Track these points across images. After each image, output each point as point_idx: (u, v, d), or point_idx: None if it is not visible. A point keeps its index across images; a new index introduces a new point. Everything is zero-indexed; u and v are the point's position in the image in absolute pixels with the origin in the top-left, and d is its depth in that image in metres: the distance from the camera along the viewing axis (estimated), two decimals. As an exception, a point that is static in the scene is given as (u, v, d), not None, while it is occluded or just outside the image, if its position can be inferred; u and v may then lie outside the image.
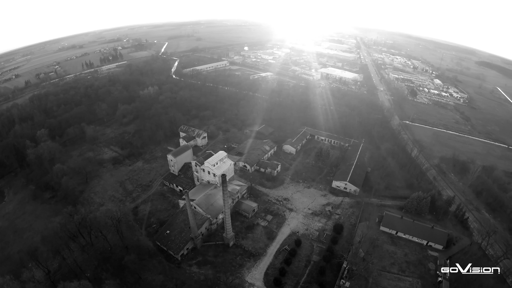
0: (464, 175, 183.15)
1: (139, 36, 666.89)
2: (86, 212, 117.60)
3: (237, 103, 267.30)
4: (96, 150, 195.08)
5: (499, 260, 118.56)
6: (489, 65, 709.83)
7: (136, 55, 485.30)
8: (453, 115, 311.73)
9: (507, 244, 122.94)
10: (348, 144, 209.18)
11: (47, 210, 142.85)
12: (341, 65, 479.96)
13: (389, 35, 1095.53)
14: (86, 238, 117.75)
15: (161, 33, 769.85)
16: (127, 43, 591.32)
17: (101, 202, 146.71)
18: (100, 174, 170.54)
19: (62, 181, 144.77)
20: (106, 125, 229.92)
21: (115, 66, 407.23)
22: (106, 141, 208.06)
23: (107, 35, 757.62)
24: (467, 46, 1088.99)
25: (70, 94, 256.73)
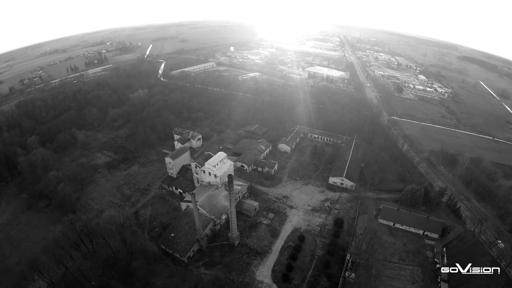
0: (453, 167, 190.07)
1: (122, 39, 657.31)
2: (88, 219, 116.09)
3: (228, 104, 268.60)
4: (89, 156, 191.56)
5: (492, 245, 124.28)
6: (470, 60, 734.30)
7: (122, 58, 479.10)
8: (439, 110, 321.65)
9: (498, 230, 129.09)
10: (341, 141, 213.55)
11: (43, 219, 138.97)
12: (327, 64, 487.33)
13: (372, 32, 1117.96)
14: (88, 246, 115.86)
15: (145, 35, 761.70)
16: (111, 46, 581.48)
17: (99, 208, 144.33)
18: (96, 180, 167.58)
19: (59, 188, 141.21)
20: (97, 130, 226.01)
21: (101, 70, 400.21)
22: (98, 146, 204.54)
23: (89, 38, 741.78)
24: (448, 42, 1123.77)
25: (58, 99, 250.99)
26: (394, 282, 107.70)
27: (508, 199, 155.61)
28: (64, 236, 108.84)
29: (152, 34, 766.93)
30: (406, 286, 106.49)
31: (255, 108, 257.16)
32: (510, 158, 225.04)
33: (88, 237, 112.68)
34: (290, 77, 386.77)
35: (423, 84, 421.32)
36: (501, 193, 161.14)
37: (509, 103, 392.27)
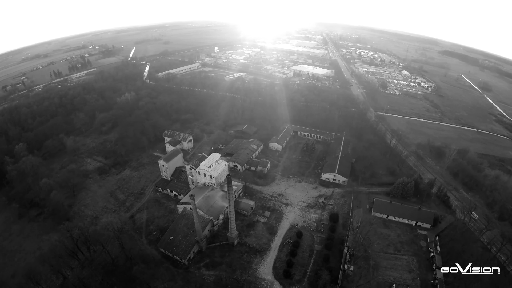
0: (441, 159, 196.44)
1: (104, 42, 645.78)
2: (85, 226, 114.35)
3: (217, 104, 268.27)
4: (79, 162, 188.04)
5: (482, 232, 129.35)
6: (451, 54, 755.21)
7: (105, 62, 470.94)
8: (423, 104, 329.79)
9: (487, 218, 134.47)
10: (331, 138, 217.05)
11: (35, 228, 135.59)
12: (311, 62, 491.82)
13: (354, 29, 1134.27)
14: (86, 254, 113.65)
15: (127, 38, 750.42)
16: (94, 50, 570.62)
17: (93, 215, 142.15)
18: (87, 186, 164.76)
19: (51, 196, 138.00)
20: (85, 135, 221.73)
21: (85, 74, 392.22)
22: (87, 151, 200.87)
23: (71, 42, 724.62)
24: (429, 37, 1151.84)
25: (44, 105, 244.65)
26: (391, 272, 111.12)
27: (494, 188, 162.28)
28: (61, 244, 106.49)
29: (134, 37, 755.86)
30: (403, 275, 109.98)
31: (244, 108, 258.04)
32: (494, 149, 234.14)
33: (85, 244, 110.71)
34: (276, 76, 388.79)
35: (407, 80, 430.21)
36: (487, 183, 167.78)
37: (491, 96, 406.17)
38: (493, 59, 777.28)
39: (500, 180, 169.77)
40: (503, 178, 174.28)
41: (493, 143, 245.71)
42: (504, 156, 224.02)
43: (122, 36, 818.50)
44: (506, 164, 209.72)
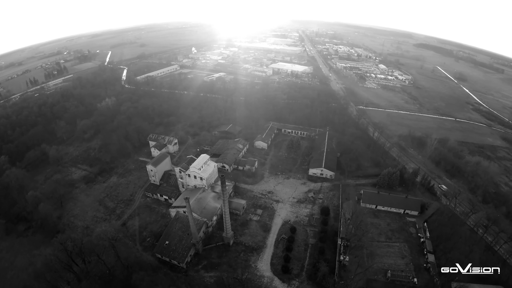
0: (422, 149, 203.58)
1: (79, 47, 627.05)
2: (79, 237, 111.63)
3: (199, 106, 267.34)
4: (63, 171, 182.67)
5: (468, 216, 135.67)
6: (426, 46, 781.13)
7: (82, 67, 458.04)
8: (402, 96, 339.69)
9: (471, 202, 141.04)
10: (315, 134, 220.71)
11: (25, 243, 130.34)
12: (289, 59, 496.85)
13: (329, 25, 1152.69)
14: (81, 266, 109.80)
15: (102, 42, 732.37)
16: (69, 56, 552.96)
17: (84, 225, 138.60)
18: (74, 195, 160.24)
19: (39, 209, 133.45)
20: (67, 143, 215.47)
21: (62, 81, 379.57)
22: (71, 160, 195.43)
23: (45, 49, 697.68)
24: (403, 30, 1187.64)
25: (23, 115, 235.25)
26: (385, 259, 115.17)
27: (476, 173, 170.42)
28: (55, 258, 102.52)
29: (110, 41, 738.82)
30: (396, 261, 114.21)
31: (226, 108, 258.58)
32: (473, 136, 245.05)
33: (80, 256, 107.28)
34: (255, 75, 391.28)
35: (384, 73, 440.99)
36: (469, 169, 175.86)
37: (466, 85, 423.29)
38: (467, 49, 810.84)
39: (481, 166, 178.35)
40: (484, 163, 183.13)
41: (471, 131, 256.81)
42: (482, 142, 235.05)
43: (97, 40, 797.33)
44: (485, 150, 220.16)
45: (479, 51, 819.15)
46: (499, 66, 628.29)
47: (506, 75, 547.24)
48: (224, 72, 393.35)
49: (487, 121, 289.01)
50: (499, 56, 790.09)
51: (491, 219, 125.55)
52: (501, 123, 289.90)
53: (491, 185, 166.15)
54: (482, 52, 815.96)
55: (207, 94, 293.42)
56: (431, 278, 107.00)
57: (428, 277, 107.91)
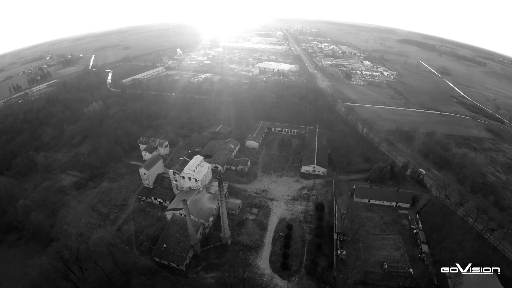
0: (410, 143, 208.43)
1: (62, 51, 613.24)
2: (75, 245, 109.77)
3: (187, 107, 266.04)
4: (53, 178, 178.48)
5: (458, 206, 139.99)
6: (409, 42, 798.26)
7: (66, 72, 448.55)
8: (388, 92, 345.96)
9: (461, 193, 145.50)
10: (305, 131, 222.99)
11: (18, 254, 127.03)
12: (275, 58, 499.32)
13: (312, 23, 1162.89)
14: (78, 274, 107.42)
15: (85, 45, 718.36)
16: (52, 60, 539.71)
17: (78, 232, 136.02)
18: (66, 202, 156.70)
19: (31, 218, 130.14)
20: (55, 149, 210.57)
21: (46, 86, 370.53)
22: (60, 166, 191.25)
23: (26, 54, 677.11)
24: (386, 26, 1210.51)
25: (8, 122, 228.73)
26: (380, 251, 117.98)
27: (463, 164, 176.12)
28: (51, 267, 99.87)
29: (92, 44, 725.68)
30: (391, 253, 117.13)
31: (215, 109, 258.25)
32: (459, 129, 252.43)
33: (77, 264, 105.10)
34: (242, 74, 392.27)
35: (369, 69, 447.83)
36: (456, 161, 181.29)
37: (450, 79, 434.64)
38: (449, 44, 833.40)
39: (468, 157, 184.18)
40: (470, 155, 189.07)
41: (457, 124, 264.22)
42: (468, 134, 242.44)
43: (79, 44, 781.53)
44: (471, 142, 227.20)
45: (461, 45, 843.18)
46: (481, 59, 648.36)
47: (488, 68, 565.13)
48: (210, 73, 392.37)
49: (471, 113, 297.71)
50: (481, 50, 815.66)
51: (481, 209, 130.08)
52: (485, 115, 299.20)
53: (479, 176, 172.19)
54: (464, 46, 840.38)
55: (195, 95, 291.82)
56: (426, 267, 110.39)
57: (423, 266, 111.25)
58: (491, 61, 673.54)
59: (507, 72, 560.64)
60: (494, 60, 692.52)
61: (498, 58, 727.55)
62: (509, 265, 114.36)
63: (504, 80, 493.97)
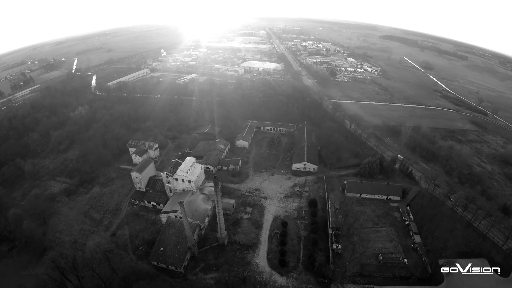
0: (397, 137, 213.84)
1: (44, 56, 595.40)
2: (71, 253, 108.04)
3: (175, 109, 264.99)
4: (42, 186, 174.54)
5: (447, 197, 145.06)
6: (391, 38, 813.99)
7: (49, 76, 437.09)
8: (373, 88, 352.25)
9: (449, 184, 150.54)
10: (293, 129, 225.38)
11: (11, 264, 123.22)
12: (259, 57, 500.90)
13: (295, 22, 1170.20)
14: (75, 282, 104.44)
15: (67, 49, 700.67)
16: (34, 65, 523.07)
17: (72, 240, 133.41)
18: (57, 210, 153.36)
19: (23, 227, 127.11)
20: (42, 156, 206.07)
21: (29, 92, 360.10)
22: (48, 173, 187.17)
23: (7, 59, 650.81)
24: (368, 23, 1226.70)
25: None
26: (375, 244, 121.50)
27: (450, 157, 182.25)
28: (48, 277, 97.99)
29: (75, 47, 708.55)
30: (385, 245, 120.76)
31: (203, 110, 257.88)
32: (443, 122, 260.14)
33: (73, 272, 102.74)
34: (227, 74, 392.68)
35: (354, 66, 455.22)
36: (442, 153, 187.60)
37: (433, 74, 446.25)
38: (431, 39, 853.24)
39: (454, 150, 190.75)
40: (456, 147, 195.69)
41: (441, 117, 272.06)
42: (453, 127, 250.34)
43: (61, 48, 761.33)
44: (456, 134, 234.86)
45: (443, 40, 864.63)
46: (463, 53, 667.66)
47: (470, 62, 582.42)
48: (196, 74, 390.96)
49: (455, 106, 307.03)
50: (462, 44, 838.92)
51: (469, 198, 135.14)
52: (468, 107, 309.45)
53: (465, 167, 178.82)
54: (446, 40, 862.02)
55: (181, 96, 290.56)
56: (419, 257, 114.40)
57: (416, 256, 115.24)
58: (473, 54, 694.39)
59: (488, 65, 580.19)
60: (475, 54, 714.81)
61: (479, 52, 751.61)
62: (499, 251, 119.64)
63: (486, 73, 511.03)
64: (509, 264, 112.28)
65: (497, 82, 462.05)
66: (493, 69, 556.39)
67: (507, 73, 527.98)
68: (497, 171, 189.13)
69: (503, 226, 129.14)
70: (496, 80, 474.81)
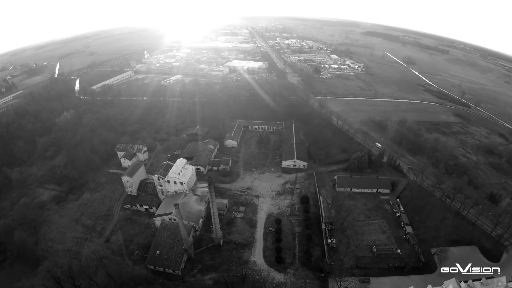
0: (384, 131, 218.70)
1: (25, 61, 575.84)
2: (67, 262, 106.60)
3: (162, 111, 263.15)
4: (30, 194, 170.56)
5: (435, 188, 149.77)
6: (373, 34, 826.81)
7: (31, 82, 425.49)
8: (357, 84, 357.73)
9: (436, 176, 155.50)
10: (281, 127, 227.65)
11: (3, 277, 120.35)
12: (243, 56, 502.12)
13: (277, 20, 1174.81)
14: None
15: (48, 53, 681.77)
16: (16, 71, 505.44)
17: (65, 248, 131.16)
18: (48, 218, 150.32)
19: (15, 238, 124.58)
20: (28, 164, 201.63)
21: (12, 98, 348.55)
22: (36, 181, 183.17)
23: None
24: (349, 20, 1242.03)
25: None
26: (368, 236, 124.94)
27: (436, 149, 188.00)
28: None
29: (56, 51, 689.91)
30: (378, 237, 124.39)
31: (190, 111, 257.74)
32: (427, 115, 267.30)
33: (69, 281, 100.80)
34: (212, 74, 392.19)
35: (337, 63, 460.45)
36: (428, 145, 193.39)
37: (416, 68, 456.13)
38: (412, 34, 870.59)
39: (439, 142, 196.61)
40: (441, 139, 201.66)
41: (425, 110, 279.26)
42: (437, 120, 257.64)
43: (42, 52, 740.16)
44: (441, 127, 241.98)
45: (424, 35, 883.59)
46: (444, 47, 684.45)
47: (451, 56, 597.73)
48: (180, 75, 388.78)
49: (438, 100, 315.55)
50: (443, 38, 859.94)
51: (457, 188, 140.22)
52: (451, 100, 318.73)
53: (451, 158, 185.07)
54: (427, 35, 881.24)
55: (167, 98, 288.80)
56: (412, 247, 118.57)
57: (409, 246, 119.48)
58: (454, 48, 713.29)
59: (469, 59, 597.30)
60: (456, 48, 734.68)
61: (460, 46, 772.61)
62: (488, 238, 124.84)
63: (467, 66, 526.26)
64: (499, 250, 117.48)
65: (478, 74, 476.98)
66: (474, 62, 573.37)
67: (488, 66, 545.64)
68: (482, 161, 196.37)
69: (491, 213, 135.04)
70: (478, 72, 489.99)
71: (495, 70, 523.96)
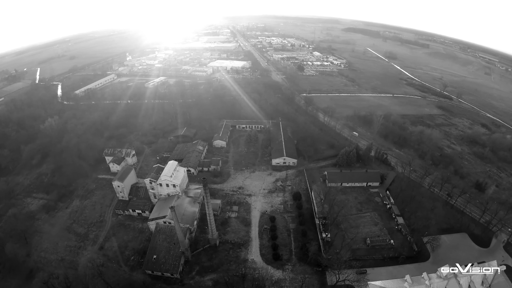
0: (369, 126, 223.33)
1: (4, 67, 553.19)
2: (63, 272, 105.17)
3: (147, 113, 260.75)
4: (18, 204, 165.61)
5: (423, 179, 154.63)
6: (354, 30, 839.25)
7: (12, 88, 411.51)
8: (340, 80, 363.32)
9: (423, 167, 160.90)
10: (269, 125, 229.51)
11: None
12: (226, 56, 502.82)
13: (258, 19, 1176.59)
14: None
15: (28, 59, 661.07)
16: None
17: (58, 258, 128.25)
18: (38, 228, 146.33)
19: (7, 250, 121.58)
20: (14, 173, 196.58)
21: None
22: (24, 190, 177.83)
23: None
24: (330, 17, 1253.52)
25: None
26: (361, 229, 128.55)
27: (421, 141, 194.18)
28: None
29: (36, 57, 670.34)
30: (371, 229, 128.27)
31: (176, 112, 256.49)
32: (411, 108, 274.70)
33: None
34: (196, 75, 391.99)
35: (320, 60, 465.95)
36: (414, 138, 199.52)
37: (397, 63, 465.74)
38: (392, 29, 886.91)
39: (424, 134, 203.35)
40: (426, 131, 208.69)
41: (409, 104, 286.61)
42: (421, 113, 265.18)
43: (22, 58, 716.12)
44: (425, 120, 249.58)
45: (404, 30, 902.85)
46: (424, 41, 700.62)
47: (431, 50, 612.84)
48: (164, 76, 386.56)
49: (421, 93, 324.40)
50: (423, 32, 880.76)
51: (444, 178, 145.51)
52: (434, 93, 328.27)
53: (436, 150, 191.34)
54: (406, 30, 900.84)
55: (152, 100, 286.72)
56: (404, 237, 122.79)
57: (401, 236, 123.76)
58: (434, 42, 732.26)
59: (449, 52, 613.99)
60: (436, 41, 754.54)
61: (439, 39, 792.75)
62: (477, 225, 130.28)
63: (448, 59, 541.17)
64: (488, 236, 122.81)
65: (459, 67, 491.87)
66: (454, 55, 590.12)
67: (468, 58, 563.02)
68: (466, 151, 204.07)
69: (478, 201, 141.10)
70: (458, 65, 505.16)
71: (475, 62, 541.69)
